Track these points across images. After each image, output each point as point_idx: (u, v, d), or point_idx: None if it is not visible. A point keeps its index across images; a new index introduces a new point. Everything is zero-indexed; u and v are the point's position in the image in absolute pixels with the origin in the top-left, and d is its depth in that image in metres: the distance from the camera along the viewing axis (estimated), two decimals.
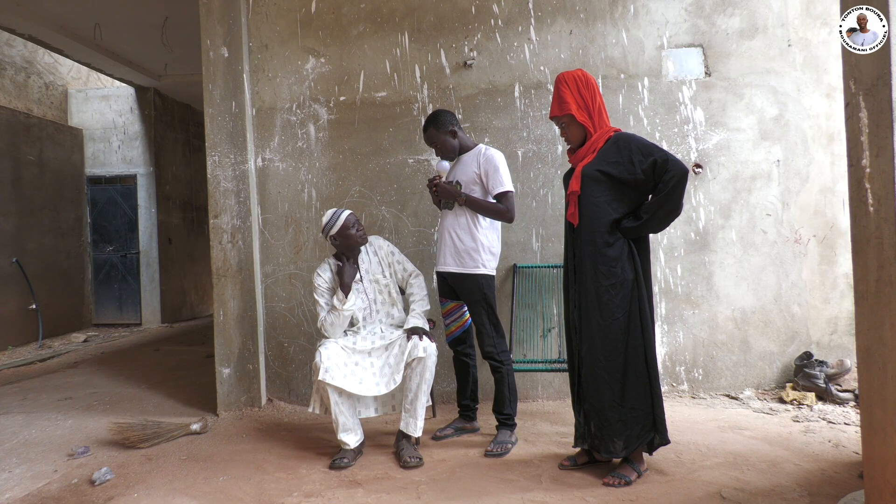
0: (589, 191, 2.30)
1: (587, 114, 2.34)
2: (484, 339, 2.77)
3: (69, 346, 6.18)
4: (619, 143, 2.30)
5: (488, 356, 2.78)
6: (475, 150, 2.83)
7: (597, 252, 2.29)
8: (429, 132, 2.81)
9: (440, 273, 2.89)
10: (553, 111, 2.41)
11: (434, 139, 2.80)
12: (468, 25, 3.48)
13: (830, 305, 3.45)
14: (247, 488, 2.40)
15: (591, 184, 2.29)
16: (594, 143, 2.34)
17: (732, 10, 3.44)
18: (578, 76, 2.35)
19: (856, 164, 1.74)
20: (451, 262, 2.79)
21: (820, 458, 2.46)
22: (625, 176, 2.25)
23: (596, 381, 2.31)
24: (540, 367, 3.26)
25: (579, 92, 2.34)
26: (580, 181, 2.31)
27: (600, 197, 2.29)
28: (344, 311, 2.68)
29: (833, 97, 3.42)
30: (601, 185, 2.28)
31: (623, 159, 2.25)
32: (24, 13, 5.13)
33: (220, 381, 3.44)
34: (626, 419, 2.27)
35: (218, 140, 3.47)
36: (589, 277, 2.31)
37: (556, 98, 2.39)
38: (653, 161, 2.21)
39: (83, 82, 7.67)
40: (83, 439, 3.07)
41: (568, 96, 2.35)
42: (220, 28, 3.46)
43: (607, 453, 2.31)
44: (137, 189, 7.47)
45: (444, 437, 2.89)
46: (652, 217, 2.25)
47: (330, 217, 2.74)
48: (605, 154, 2.30)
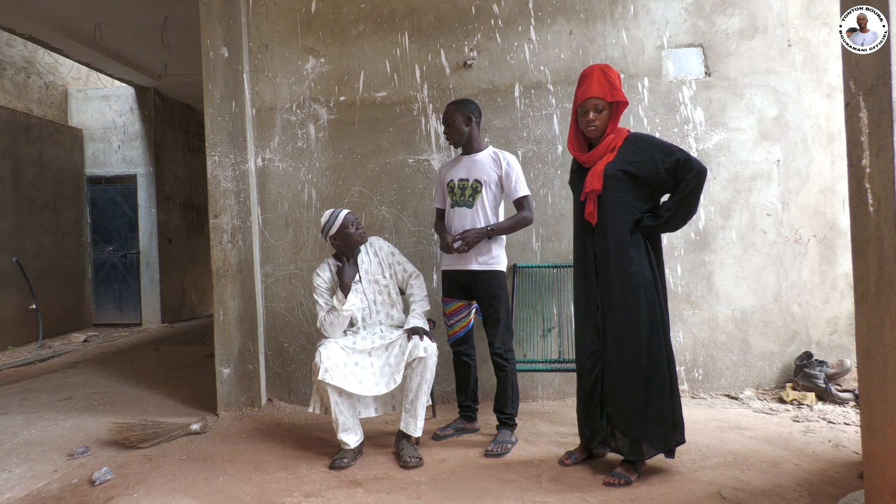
0: (612, 190, 2.29)
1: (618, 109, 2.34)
2: (497, 336, 2.77)
3: (69, 346, 6.18)
4: (638, 142, 2.30)
5: (498, 354, 2.77)
6: (487, 150, 2.84)
7: (621, 252, 2.28)
8: (449, 108, 2.82)
9: (452, 272, 2.85)
10: (596, 91, 2.28)
11: (449, 115, 2.80)
12: (468, 25, 3.48)
13: (830, 305, 3.45)
14: (247, 488, 2.40)
15: (614, 183, 2.28)
16: (612, 141, 2.32)
17: (732, 10, 3.44)
18: (606, 68, 2.32)
19: (856, 164, 1.74)
20: (471, 261, 2.77)
21: (820, 458, 2.46)
22: (647, 175, 2.25)
23: (622, 383, 2.29)
24: (540, 367, 3.26)
25: (611, 82, 2.30)
26: (602, 180, 2.30)
27: (624, 196, 2.28)
28: (343, 312, 2.68)
29: (833, 97, 3.42)
30: (624, 184, 2.28)
31: (645, 159, 2.25)
32: (24, 13, 5.13)
33: (220, 381, 3.44)
34: (651, 420, 2.26)
35: (218, 140, 3.47)
36: (614, 278, 2.29)
37: (602, 81, 2.28)
38: (675, 160, 2.22)
39: (83, 82, 7.67)
40: (83, 439, 3.07)
41: (614, 83, 2.30)
42: (220, 28, 3.46)
43: (634, 456, 2.28)
44: (137, 189, 7.47)
45: (445, 436, 2.89)
46: (673, 216, 2.26)
47: (329, 217, 2.74)
48: (626, 153, 2.29)
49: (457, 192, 2.82)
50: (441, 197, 2.96)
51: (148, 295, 7.46)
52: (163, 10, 5.18)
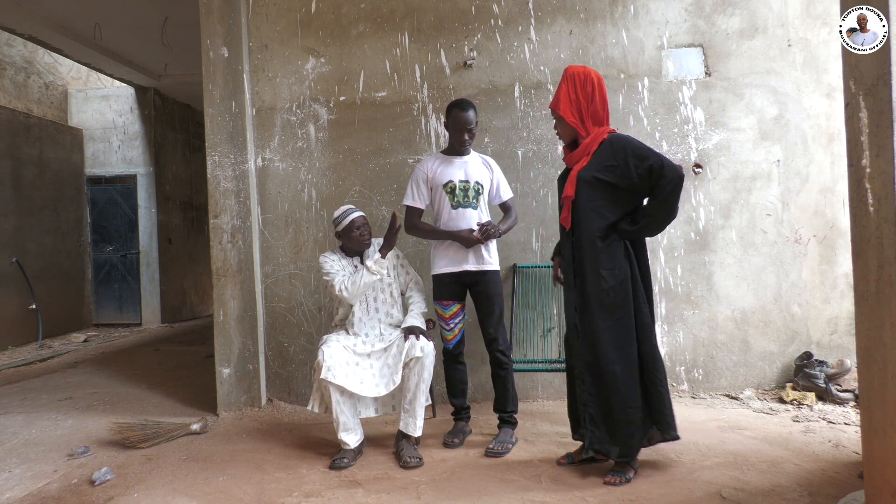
0: (584, 195, 2.29)
1: (578, 116, 2.33)
2: (499, 335, 2.77)
3: (69, 346, 6.18)
4: (613, 145, 2.28)
5: (500, 352, 2.76)
6: (474, 154, 2.89)
7: (595, 255, 2.29)
8: (469, 113, 2.74)
9: (455, 273, 2.79)
10: (551, 103, 2.43)
11: (473, 122, 2.76)
12: (468, 25, 3.48)
13: (830, 305, 3.45)
14: (247, 488, 2.40)
15: (586, 188, 2.28)
16: (588, 145, 2.32)
17: (732, 10, 3.44)
18: (578, 74, 2.33)
19: (856, 164, 1.74)
20: (471, 260, 2.77)
21: (820, 458, 2.46)
22: (620, 181, 2.24)
23: (598, 384, 2.30)
24: (540, 367, 3.26)
25: (575, 91, 2.32)
26: (575, 186, 2.30)
27: (596, 202, 2.28)
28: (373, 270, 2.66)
29: (833, 97, 3.42)
30: (596, 189, 2.27)
31: (619, 163, 2.24)
32: (24, 13, 5.13)
33: (220, 381, 3.44)
34: (619, 421, 2.27)
35: (218, 140, 3.47)
36: (589, 280, 2.30)
37: (556, 91, 2.40)
38: (648, 166, 2.20)
39: (83, 82, 7.67)
40: (83, 439, 3.07)
41: (563, 93, 2.34)
42: (220, 28, 3.46)
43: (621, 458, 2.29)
44: (137, 189, 7.47)
45: (457, 444, 2.78)
46: (650, 221, 2.27)
47: (341, 213, 2.80)
48: (601, 157, 2.28)
49: (458, 193, 2.78)
50: (426, 197, 2.86)
51: (148, 295, 7.46)
52: (163, 10, 5.18)
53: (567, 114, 2.33)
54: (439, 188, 2.81)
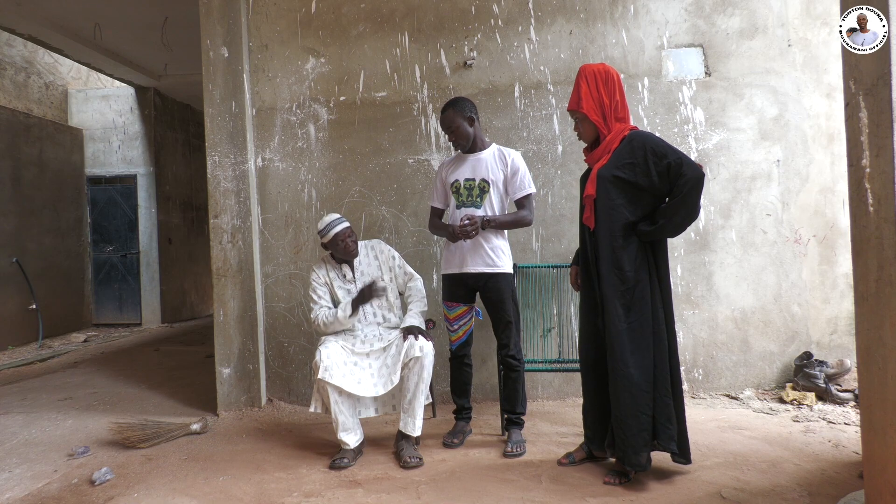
0: (605, 194, 2.26)
1: (601, 114, 2.30)
2: (511, 339, 2.74)
3: (69, 346, 6.18)
4: (633, 142, 2.24)
5: (511, 356, 2.73)
6: (492, 148, 2.78)
7: (614, 255, 2.25)
8: (447, 113, 2.70)
9: (458, 275, 2.77)
10: (570, 104, 2.37)
11: (451, 121, 2.69)
12: (468, 25, 3.48)
13: (830, 305, 3.45)
14: (247, 488, 2.40)
15: (607, 186, 2.25)
16: (609, 143, 2.29)
17: (732, 10, 3.44)
18: (598, 71, 2.30)
19: (856, 164, 1.74)
20: (478, 263, 2.71)
21: (820, 458, 2.46)
22: (640, 179, 2.21)
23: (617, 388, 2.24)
24: (540, 367, 3.26)
25: (597, 89, 2.29)
26: (595, 184, 2.27)
27: (616, 200, 2.25)
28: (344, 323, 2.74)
29: (833, 97, 3.42)
30: (617, 188, 2.24)
31: (638, 160, 2.21)
32: (24, 13, 5.13)
33: (220, 381, 3.44)
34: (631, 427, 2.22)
35: (218, 140, 3.47)
36: (609, 281, 2.26)
37: (574, 91, 2.35)
38: (667, 164, 2.16)
39: (83, 82, 7.67)
40: (83, 439, 3.07)
41: (583, 92, 2.30)
42: (220, 28, 3.46)
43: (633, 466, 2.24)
44: (137, 189, 7.47)
45: (457, 445, 2.78)
46: (668, 222, 2.21)
47: (325, 225, 2.76)
48: (621, 155, 2.25)
49: (463, 192, 2.75)
50: (442, 197, 2.87)
51: (148, 295, 7.46)
52: (163, 10, 5.18)
53: (591, 112, 2.29)
54: (448, 187, 2.82)
